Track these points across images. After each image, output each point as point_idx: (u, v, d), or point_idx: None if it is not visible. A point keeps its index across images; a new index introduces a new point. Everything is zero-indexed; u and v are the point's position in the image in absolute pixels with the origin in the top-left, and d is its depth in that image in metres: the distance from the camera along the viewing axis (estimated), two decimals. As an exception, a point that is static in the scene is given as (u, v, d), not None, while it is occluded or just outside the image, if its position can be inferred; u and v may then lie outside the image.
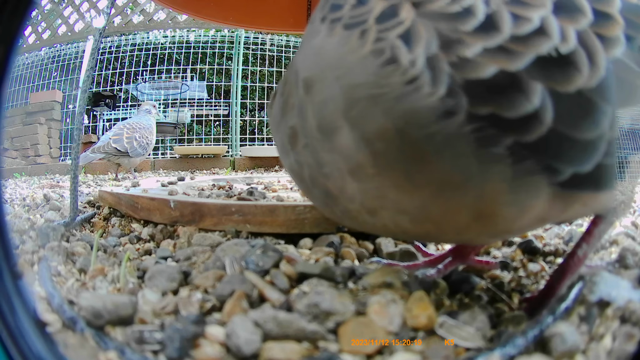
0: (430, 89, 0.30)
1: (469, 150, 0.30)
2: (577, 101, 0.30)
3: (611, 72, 0.31)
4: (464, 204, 0.33)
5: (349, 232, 0.63)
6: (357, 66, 0.32)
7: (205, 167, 4.07)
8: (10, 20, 0.35)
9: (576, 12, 0.32)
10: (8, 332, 0.32)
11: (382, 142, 0.32)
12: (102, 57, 5.02)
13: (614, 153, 0.32)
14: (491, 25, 0.30)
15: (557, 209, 0.35)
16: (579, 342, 0.33)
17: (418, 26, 0.31)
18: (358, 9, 0.34)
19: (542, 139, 0.30)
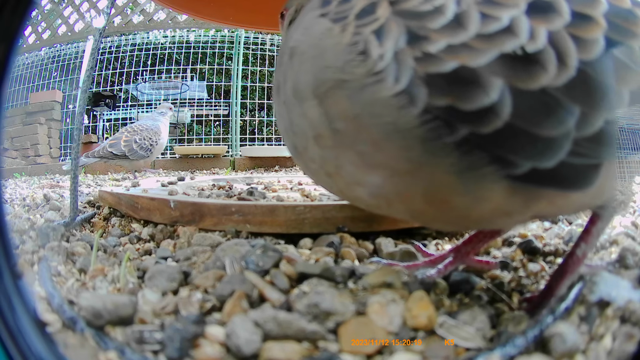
0: (392, 82, 0.32)
1: (422, 140, 0.32)
2: (539, 98, 0.31)
3: (589, 72, 0.32)
4: (415, 188, 0.35)
5: (349, 232, 0.63)
6: (333, 52, 0.35)
7: (205, 167, 4.07)
8: (10, 20, 0.35)
9: (551, 13, 0.33)
10: (8, 332, 0.32)
11: (342, 123, 0.35)
12: (102, 57, 5.02)
13: (587, 154, 0.33)
14: (458, 24, 0.32)
15: (518, 203, 0.35)
16: (579, 342, 0.33)
17: (390, 23, 0.34)
18: (343, 5, 0.38)
19: (498, 132, 0.31)
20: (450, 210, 0.36)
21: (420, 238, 0.67)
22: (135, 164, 2.59)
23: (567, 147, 0.32)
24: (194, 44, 5.17)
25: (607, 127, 0.32)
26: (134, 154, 2.51)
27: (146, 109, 5.09)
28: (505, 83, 0.31)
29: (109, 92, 4.90)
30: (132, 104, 5.25)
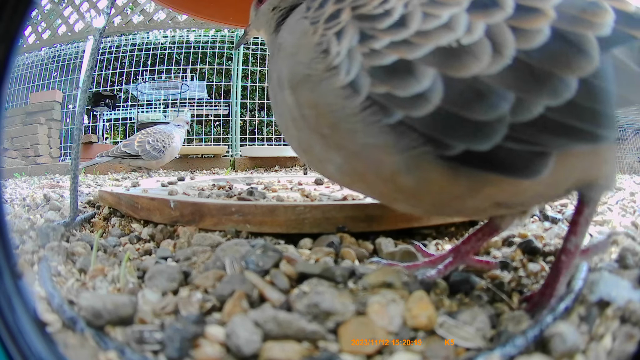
0: (344, 75, 0.38)
1: (365, 123, 0.37)
2: (471, 85, 0.34)
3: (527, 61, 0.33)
4: (368, 167, 0.41)
5: (349, 232, 0.63)
6: (304, 50, 0.42)
7: (205, 167, 4.07)
8: (10, 20, 0.35)
9: (493, 8, 0.36)
10: (8, 332, 0.32)
11: (308, 110, 0.42)
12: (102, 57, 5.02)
13: (529, 140, 0.34)
14: (402, 23, 0.37)
15: (464, 186, 0.38)
16: (579, 342, 0.33)
17: (349, 26, 0.40)
18: (319, 10, 0.44)
19: (430, 115, 0.35)
20: (401, 190, 0.40)
21: (420, 238, 0.67)
22: (148, 164, 2.64)
23: (502, 131, 0.34)
24: (194, 44, 5.17)
25: (549, 114, 0.33)
26: (146, 154, 2.58)
27: (146, 109, 5.10)
28: (438, 72, 0.35)
29: (109, 92, 4.90)
30: (132, 104, 5.25)
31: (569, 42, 0.34)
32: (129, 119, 5.11)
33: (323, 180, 1.31)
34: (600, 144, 0.35)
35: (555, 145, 0.35)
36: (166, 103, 5.04)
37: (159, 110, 5.00)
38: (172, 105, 4.98)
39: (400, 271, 0.49)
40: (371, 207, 0.65)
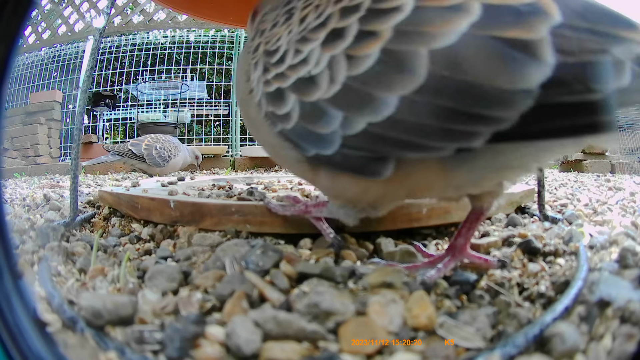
0: (255, 97, 0.51)
1: (267, 131, 0.49)
2: (315, 107, 0.42)
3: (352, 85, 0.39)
4: (282, 160, 0.53)
5: (348, 232, 0.63)
6: (241, 74, 0.56)
7: (205, 167, 4.07)
8: (10, 20, 0.35)
9: (338, 39, 0.41)
10: (8, 332, 0.32)
11: (245, 119, 0.59)
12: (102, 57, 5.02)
13: (364, 148, 0.40)
14: (282, 59, 0.46)
15: (328, 180, 0.47)
16: (579, 342, 0.33)
17: (260, 59, 0.50)
18: (251, 42, 0.56)
19: (293, 128, 0.45)
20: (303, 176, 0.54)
21: (421, 238, 0.67)
22: (151, 169, 2.65)
23: (337, 141, 0.41)
24: (194, 44, 5.17)
25: (371, 128, 0.38)
26: (151, 159, 2.59)
27: (146, 109, 5.10)
28: (297, 97, 0.44)
29: (109, 92, 4.90)
30: (132, 104, 5.25)
31: (393, 63, 0.37)
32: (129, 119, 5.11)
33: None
34: (432, 155, 0.38)
35: (385, 153, 0.40)
36: (166, 103, 5.04)
37: (159, 110, 5.00)
38: (172, 105, 4.98)
39: (400, 271, 0.49)
40: (371, 207, 0.65)
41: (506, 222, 0.73)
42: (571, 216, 0.77)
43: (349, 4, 0.41)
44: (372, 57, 0.37)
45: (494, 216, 0.75)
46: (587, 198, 1.15)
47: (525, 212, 0.84)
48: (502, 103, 0.34)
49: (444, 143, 0.37)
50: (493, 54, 0.34)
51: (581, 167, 3.71)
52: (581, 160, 3.74)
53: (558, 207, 0.96)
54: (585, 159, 3.72)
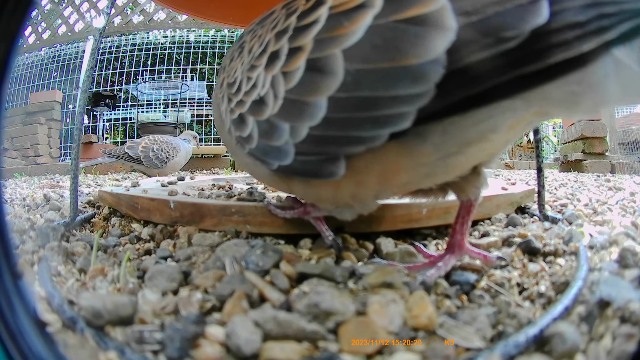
0: (226, 124, 0.55)
1: (241, 151, 0.53)
2: (268, 124, 0.46)
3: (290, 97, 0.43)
4: (255, 174, 0.60)
5: (348, 233, 0.63)
6: (216, 110, 0.62)
7: (205, 167, 4.07)
8: (10, 20, 0.35)
9: (275, 60, 0.44)
10: (8, 332, 0.32)
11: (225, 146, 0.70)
12: (102, 57, 5.03)
13: (313, 152, 0.43)
14: (239, 89, 0.51)
15: (299, 187, 0.51)
16: (579, 342, 0.33)
17: (224, 92, 0.56)
18: (218, 77, 0.63)
19: (256, 146, 0.49)
20: (289, 192, 0.60)
21: (421, 238, 0.67)
22: (149, 171, 2.64)
23: (291, 150, 0.44)
24: (194, 44, 5.18)
25: (313, 132, 0.41)
26: (148, 161, 2.57)
27: (146, 109, 5.10)
28: (254, 119, 0.48)
29: (109, 92, 4.90)
30: (132, 104, 5.25)
31: (318, 69, 0.40)
32: (129, 119, 5.11)
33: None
34: (370, 145, 0.39)
35: (331, 153, 0.42)
36: (166, 103, 5.04)
37: (159, 110, 5.01)
38: (172, 105, 4.98)
39: (400, 271, 0.49)
40: (371, 207, 0.65)
41: (506, 222, 0.73)
42: (571, 216, 0.77)
43: (281, 27, 0.46)
44: (300, 69, 0.41)
45: (494, 216, 0.75)
46: (587, 198, 1.15)
47: (525, 212, 0.84)
48: (415, 79, 0.35)
49: (376, 131, 0.38)
50: (397, 36, 0.36)
51: (581, 167, 3.71)
52: (581, 160, 3.75)
53: (558, 207, 0.96)
54: (585, 159, 3.73)
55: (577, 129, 3.87)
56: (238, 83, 0.51)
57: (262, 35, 0.49)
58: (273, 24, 0.48)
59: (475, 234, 0.68)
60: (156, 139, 2.70)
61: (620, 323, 0.35)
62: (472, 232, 0.69)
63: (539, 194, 0.80)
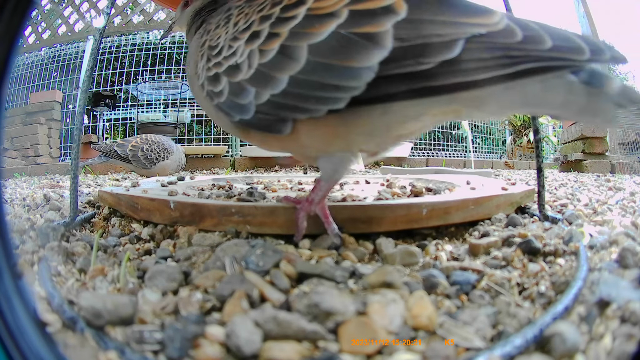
0: (200, 79, 0.64)
1: (209, 102, 0.63)
2: (239, 85, 0.56)
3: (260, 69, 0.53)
4: (224, 127, 0.67)
5: (348, 233, 0.63)
6: (192, 60, 0.71)
7: (205, 167, 4.07)
8: (11, 20, 0.35)
9: (255, 38, 0.55)
10: (8, 332, 0.32)
11: (193, 94, 0.72)
12: (102, 57, 5.03)
13: (270, 113, 0.54)
14: (219, 52, 0.60)
15: (255, 138, 0.62)
16: (579, 342, 0.33)
17: (205, 52, 0.64)
18: (200, 38, 0.69)
19: (225, 101, 0.59)
20: (246, 139, 0.66)
21: (421, 238, 0.67)
22: (137, 170, 2.59)
23: (253, 109, 0.56)
24: (194, 44, 5.16)
25: (273, 98, 0.53)
26: (137, 161, 2.50)
27: (146, 109, 5.10)
28: (227, 79, 0.58)
29: (109, 92, 4.90)
30: (132, 104, 5.25)
31: (287, 54, 0.51)
32: (129, 119, 5.11)
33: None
34: (312, 115, 0.51)
35: (283, 116, 0.54)
36: (166, 103, 5.04)
37: (159, 110, 5.00)
38: (172, 105, 4.98)
39: (400, 271, 0.49)
40: (371, 208, 0.65)
41: (506, 222, 0.73)
42: (571, 216, 0.77)
43: (266, 13, 0.56)
44: (274, 50, 0.52)
45: (494, 216, 0.75)
46: (587, 198, 1.15)
47: (525, 212, 0.84)
48: (353, 77, 0.47)
49: (319, 106, 0.50)
50: (349, 44, 0.48)
51: (581, 167, 3.71)
52: (581, 160, 3.75)
53: (558, 207, 0.96)
54: (585, 159, 3.73)
55: (577, 129, 3.87)
56: (219, 48, 0.61)
57: (249, 14, 0.59)
58: (260, 7, 0.58)
59: (475, 234, 0.68)
60: (148, 138, 2.59)
61: (620, 323, 0.35)
62: (472, 232, 0.69)
63: (539, 194, 0.80)
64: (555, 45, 0.44)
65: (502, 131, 7.26)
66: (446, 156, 5.70)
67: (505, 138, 7.21)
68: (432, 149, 5.94)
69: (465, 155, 5.91)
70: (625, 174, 3.31)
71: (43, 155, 4.61)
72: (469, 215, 0.72)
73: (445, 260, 0.56)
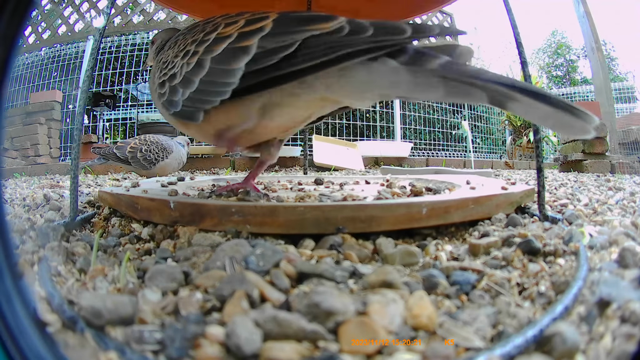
0: (155, 85, 0.83)
1: (158, 102, 0.82)
2: (174, 88, 0.74)
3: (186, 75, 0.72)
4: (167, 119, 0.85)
5: (349, 233, 0.63)
6: (152, 76, 0.88)
7: (205, 167, 4.07)
8: (10, 20, 0.35)
9: (185, 56, 0.73)
10: (8, 332, 0.32)
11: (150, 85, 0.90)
12: (102, 57, 5.03)
13: (188, 106, 0.73)
14: (166, 66, 0.79)
15: (188, 128, 0.81)
16: (579, 342, 0.33)
17: (159, 66, 0.83)
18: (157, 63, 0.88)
19: (166, 99, 0.77)
20: (185, 131, 0.84)
21: (421, 238, 0.67)
22: (137, 171, 2.59)
23: (180, 103, 0.74)
24: (194, 44, 5.16)
25: (190, 95, 0.72)
26: (136, 162, 2.50)
27: (146, 109, 5.09)
28: (168, 83, 0.76)
29: (109, 92, 4.89)
30: (132, 104, 5.25)
31: (200, 65, 0.70)
32: (129, 119, 5.11)
33: (323, 180, 1.31)
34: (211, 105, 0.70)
35: (197, 107, 0.72)
36: (166, 103, 5.03)
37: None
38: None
39: (400, 271, 0.49)
40: (371, 207, 0.65)
41: (506, 222, 0.73)
42: (571, 216, 0.77)
43: (195, 38, 0.73)
44: (194, 63, 0.70)
45: (494, 216, 0.75)
46: (587, 198, 1.15)
47: (525, 212, 0.84)
48: (232, 75, 0.65)
49: (215, 98, 0.68)
50: (232, 54, 0.65)
51: (581, 167, 3.71)
52: (581, 160, 3.75)
53: (558, 207, 0.96)
54: (585, 159, 3.73)
55: (577, 129, 3.86)
56: (167, 62, 0.79)
57: (187, 39, 0.76)
58: (193, 34, 0.75)
59: (475, 234, 0.68)
60: (147, 139, 2.58)
61: (620, 323, 0.35)
62: (472, 232, 0.69)
63: (539, 194, 0.80)
64: (375, 32, 0.57)
65: (502, 131, 7.27)
66: (446, 156, 5.70)
67: (505, 138, 7.21)
68: (432, 149, 5.94)
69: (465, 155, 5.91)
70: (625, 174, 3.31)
71: (43, 155, 4.62)
72: (469, 215, 0.72)
73: (445, 260, 0.56)
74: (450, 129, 6.17)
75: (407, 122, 5.79)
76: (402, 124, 5.68)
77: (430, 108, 6.13)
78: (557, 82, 14.91)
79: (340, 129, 5.33)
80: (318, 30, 0.60)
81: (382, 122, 5.65)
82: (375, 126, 5.57)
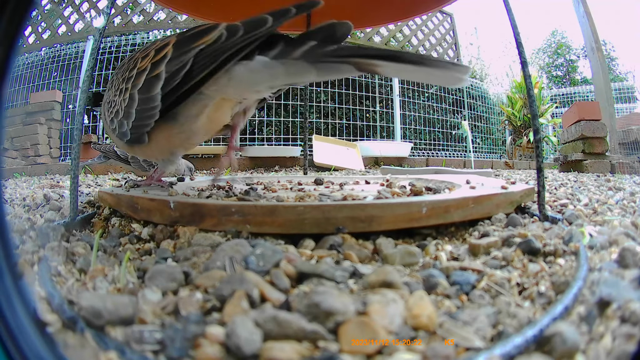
0: (108, 120, 0.93)
1: (111, 133, 0.93)
2: (120, 121, 0.86)
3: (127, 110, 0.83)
4: (119, 146, 0.97)
5: (348, 233, 0.63)
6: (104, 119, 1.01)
7: (206, 167, 4.07)
8: (10, 20, 0.35)
9: (121, 94, 0.84)
10: (8, 332, 0.32)
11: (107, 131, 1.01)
12: (102, 57, 5.02)
13: (133, 132, 0.84)
14: (109, 104, 0.92)
15: (136, 151, 0.93)
16: (579, 342, 0.33)
17: (106, 102, 0.95)
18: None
19: (118, 132, 0.88)
20: (133, 153, 0.98)
21: (421, 238, 0.67)
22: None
23: (129, 132, 0.84)
24: (193, 44, 5.15)
25: (132, 124, 0.82)
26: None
27: (146, 109, 5.07)
28: (116, 119, 0.87)
29: (109, 92, 4.88)
30: (132, 104, 5.23)
31: (132, 98, 0.80)
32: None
33: (323, 180, 1.31)
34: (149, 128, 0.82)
35: (140, 132, 0.83)
36: (166, 103, 5.03)
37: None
38: None
39: (400, 271, 0.49)
40: (371, 207, 0.65)
41: (506, 222, 0.73)
42: (571, 216, 0.77)
43: (123, 76, 0.83)
44: (127, 98, 0.80)
45: (494, 216, 0.75)
46: (587, 198, 1.15)
47: (525, 212, 0.84)
48: (154, 99, 0.75)
49: (150, 121, 0.79)
50: (150, 83, 0.76)
51: (581, 167, 3.71)
52: (581, 160, 3.75)
53: (558, 207, 0.96)
54: (585, 159, 3.73)
55: (577, 129, 3.87)
56: (110, 102, 0.89)
57: (119, 77, 0.86)
58: (122, 72, 0.85)
59: (475, 234, 0.68)
60: None
61: (620, 323, 0.35)
62: (472, 232, 0.69)
63: (538, 194, 0.80)
64: (245, 30, 0.64)
65: (502, 131, 7.27)
66: (446, 156, 5.70)
67: (505, 138, 7.21)
68: (432, 149, 5.94)
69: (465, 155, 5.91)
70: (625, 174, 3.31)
71: (43, 155, 4.61)
72: (469, 214, 0.72)
73: (445, 260, 0.56)
74: (450, 129, 6.17)
75: (407, 122, 5.80)
76: (402, 124, 5.68)
77: (430, 108, 6.13)
78: (557, 82, 14.91)
79: (340, 129, 5.33)
80: (203, 43, 0.69)
81: (382, 122, 5.65)
82: (375, 126, 5.57)
